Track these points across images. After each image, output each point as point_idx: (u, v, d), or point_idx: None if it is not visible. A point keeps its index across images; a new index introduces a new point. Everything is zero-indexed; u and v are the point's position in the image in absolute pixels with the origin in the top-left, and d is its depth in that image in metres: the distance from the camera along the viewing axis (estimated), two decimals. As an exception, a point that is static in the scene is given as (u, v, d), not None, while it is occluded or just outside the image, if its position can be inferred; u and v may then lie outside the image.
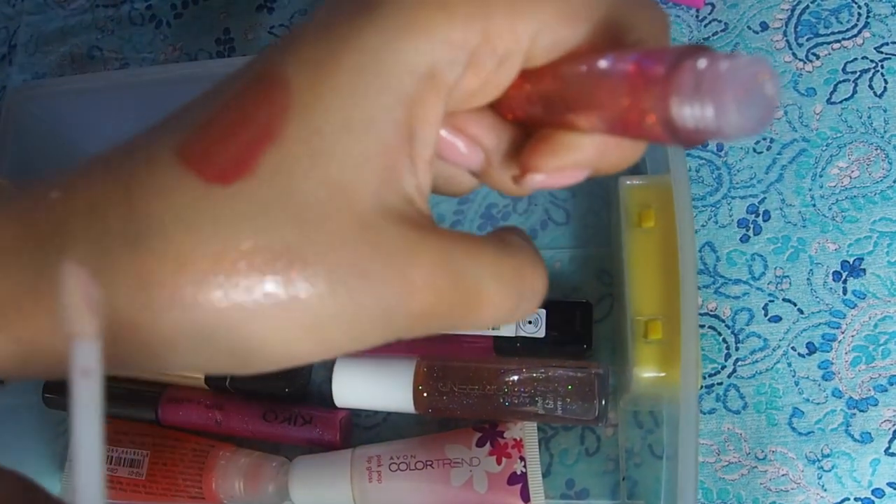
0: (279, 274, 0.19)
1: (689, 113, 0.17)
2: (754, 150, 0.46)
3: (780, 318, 0.44)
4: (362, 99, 0.19)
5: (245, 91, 0.20)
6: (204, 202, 0.19)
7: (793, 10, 0.48)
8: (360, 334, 0.20)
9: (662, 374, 0.38)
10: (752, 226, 0.46)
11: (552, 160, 0.22)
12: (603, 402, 0.41)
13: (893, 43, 0.47)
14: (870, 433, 0.43)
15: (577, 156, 0.22)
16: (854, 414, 0.43)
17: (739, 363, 0.44)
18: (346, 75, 0.19)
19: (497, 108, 0.23)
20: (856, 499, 0.42)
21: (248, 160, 0.19)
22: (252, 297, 0.19)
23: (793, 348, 0.44)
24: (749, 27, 0.48)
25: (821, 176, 0.46)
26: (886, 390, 0.43)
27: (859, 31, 0.47)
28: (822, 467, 0.43)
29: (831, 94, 0.47)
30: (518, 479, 0.41)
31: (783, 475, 0.43)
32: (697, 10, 0.48)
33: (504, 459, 0.41)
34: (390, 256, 0.20)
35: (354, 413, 0.46)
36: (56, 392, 0.46)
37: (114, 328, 0.19)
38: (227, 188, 0.19)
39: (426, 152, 0.21)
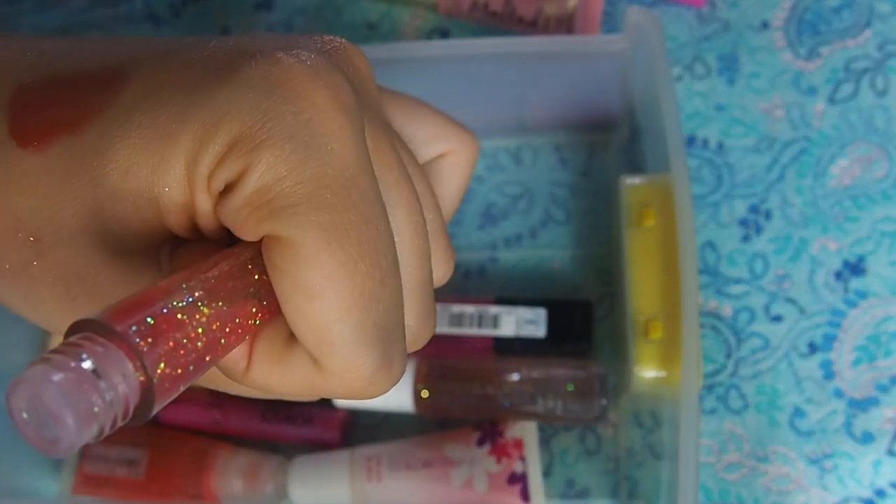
0: (17, 250, 0.20)
1: None
2: (755, 149, 0.46)
3: (782, 318, 0.44)
4: (146, 168, 0.19)
5: (84, 73, 0.21)
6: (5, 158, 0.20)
7: (794, 9, 0.48)
8: None
9: (663, 374, 0.38)
10: (753, 225, 0.46)
11: None
12: (603, 402, 0.41)
13: (895, 42, 0.47)
14: (871, 433, 0.42)
15: None
16: (855, 414, 0.43)
17: (740, 363, 0.44)
18: (153, 138, 0.19)
19: None
20: (857, 499, 0.42)
21: (48, 137, 0.20)
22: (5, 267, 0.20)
23: (794, 348, 0.44)
24: (750, 26, 0.48)
25: (822, 175, 0.46)
26: (888, 390, 0.43)
27: (861, 30, 0.47)
28: (823, 467, 0.42)
29: (833, 93, 0.46)
30: (518, 479, 0.40)
31: (784, 475, 0.43)
32: (698, 9, 0.48)
33: (504, 459, 0.41)
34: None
35: (354, 413, 0.46)
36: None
37: None
38: (23, 151, 0.20)
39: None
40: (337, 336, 0.19)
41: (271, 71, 0.19)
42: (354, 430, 0.46)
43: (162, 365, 0.17)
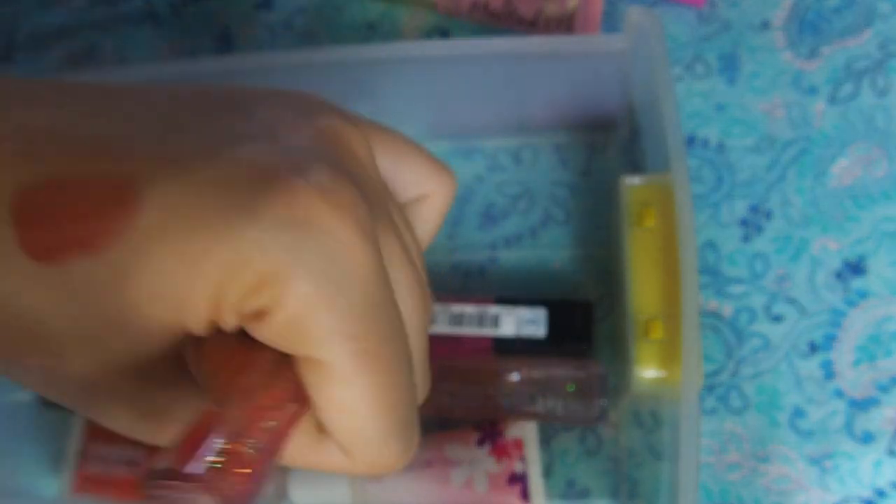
0: (39, 354, 0.21)
1: None
2: (756, 149, 0.46)
3: (782, 318, 0.44)
4: (173, 295, 0.20)
5: (103, 185, 0.20)
6: (13, 266, 0.20)
7: (794, 8, 0.48)
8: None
9: (663, 374, 0.38)
10: (753, 225, 0.46)
11: None
12: (603, 402, 0.41)
13: None
14: (871, 433, 0.42)
15: None
16: (856, 414, 0.43)
17: (741, 363, 0.44)
18: (179, 266, 0.20)
19: None
20: (858, 499, 0.42)
21: (65, 253, 0.20)
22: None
23: (794, 348, 0.44)
24: (750, 25, 0.48)
25: (823, 175, 0.46)
26: (888, 390, 0.43)
27: (862, 30, 0.47)
28: (823, 467, 0.42)
29: (833, 92, 0.46)
30: (518, 479, 0.40)
31: (784, 475, 0.43)
32: (698, 9, 0.48)
33: (504, 459, 0.41)
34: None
35: (354, 413, 0.46)
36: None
37: None
38: (37, 263, 0.20)
39: None
40: (367, 437, 0.22)
41: (293, 208, 0.20)
42: (354, 430, 0.46)
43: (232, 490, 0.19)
